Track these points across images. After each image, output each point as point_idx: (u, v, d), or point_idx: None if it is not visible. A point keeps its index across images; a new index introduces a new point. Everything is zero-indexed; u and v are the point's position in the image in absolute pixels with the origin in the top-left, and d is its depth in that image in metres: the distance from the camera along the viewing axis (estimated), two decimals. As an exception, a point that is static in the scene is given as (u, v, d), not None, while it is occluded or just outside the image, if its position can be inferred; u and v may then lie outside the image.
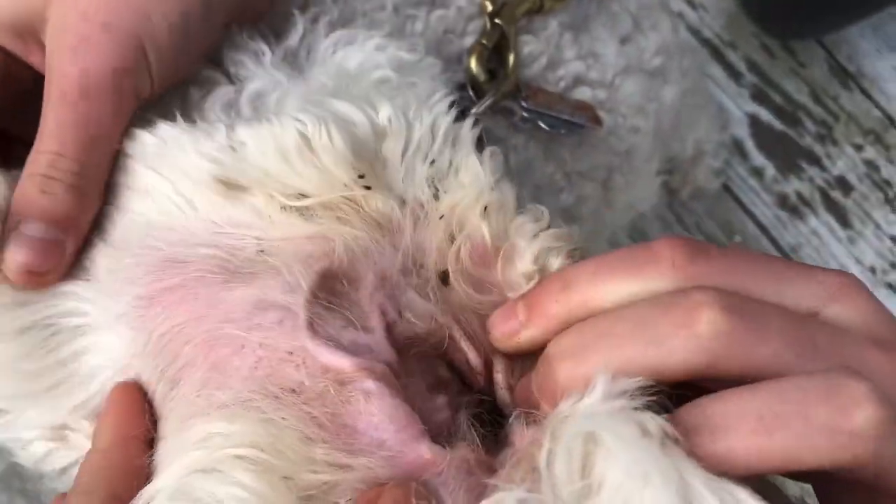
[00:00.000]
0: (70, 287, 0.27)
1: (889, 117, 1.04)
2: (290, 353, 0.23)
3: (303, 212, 0.25)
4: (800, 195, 1.02)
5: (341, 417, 0.22)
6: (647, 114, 0.48)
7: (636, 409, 0.21)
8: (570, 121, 0.41)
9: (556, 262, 0.26)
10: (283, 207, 0.25)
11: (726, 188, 1.02)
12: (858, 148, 1.02)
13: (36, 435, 0.28)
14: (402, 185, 0.27)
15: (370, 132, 0.26)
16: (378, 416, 0.22)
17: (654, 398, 0.22)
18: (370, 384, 0.23)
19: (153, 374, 0.25)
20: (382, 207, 0.26)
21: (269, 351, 0.23)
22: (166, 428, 0.25)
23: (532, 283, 0.27)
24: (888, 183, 1.01)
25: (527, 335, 0.26)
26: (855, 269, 1.00)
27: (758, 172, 1.03)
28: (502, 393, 0.26)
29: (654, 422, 0.21)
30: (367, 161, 0.26)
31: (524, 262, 0.26)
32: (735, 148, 1.04)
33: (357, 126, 0.26)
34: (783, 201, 1.02)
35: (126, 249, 0.27)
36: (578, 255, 0.27)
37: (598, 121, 0.42)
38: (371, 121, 0.26)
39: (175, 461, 0.23)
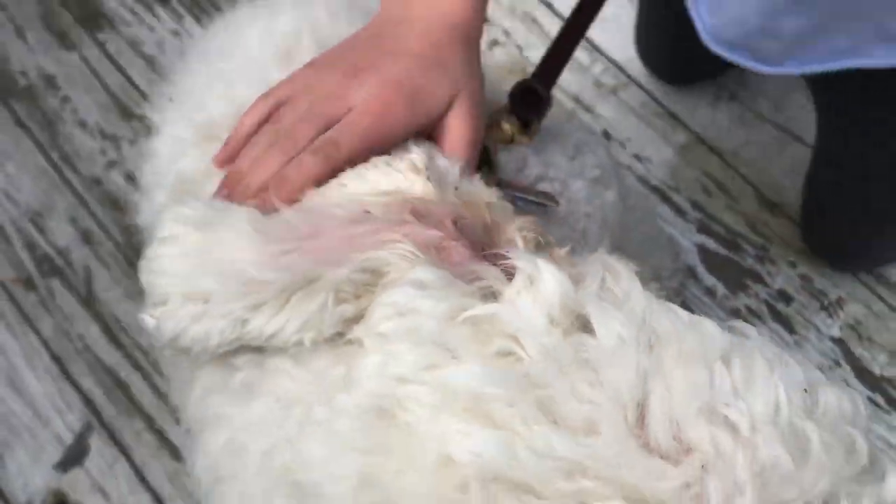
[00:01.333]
0: None
1: (814, 238, 1.21)
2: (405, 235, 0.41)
3: None
4: (749, 308, 1.18)
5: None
6: (594, 205, 0.64)
7: None
8: (535, 200, 0.57)
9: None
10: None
11: (684, 306, 1.17)
12: (793, 265, 1.19)
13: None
14: None
15: None
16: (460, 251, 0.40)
17: None
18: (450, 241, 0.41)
19: None
20: None
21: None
22: None
23: None
24: (822, 292, 1.18)
25: None
26: (805, 368, 1.13)
27: (710, 292, 1.19)
28: None
29: None
30: None
31: None
32: (689, 272, 1.20)
33: None
34: (735, 315, 1.17)
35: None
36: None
37: (555, 201, 0.59)
38: None
39: None
